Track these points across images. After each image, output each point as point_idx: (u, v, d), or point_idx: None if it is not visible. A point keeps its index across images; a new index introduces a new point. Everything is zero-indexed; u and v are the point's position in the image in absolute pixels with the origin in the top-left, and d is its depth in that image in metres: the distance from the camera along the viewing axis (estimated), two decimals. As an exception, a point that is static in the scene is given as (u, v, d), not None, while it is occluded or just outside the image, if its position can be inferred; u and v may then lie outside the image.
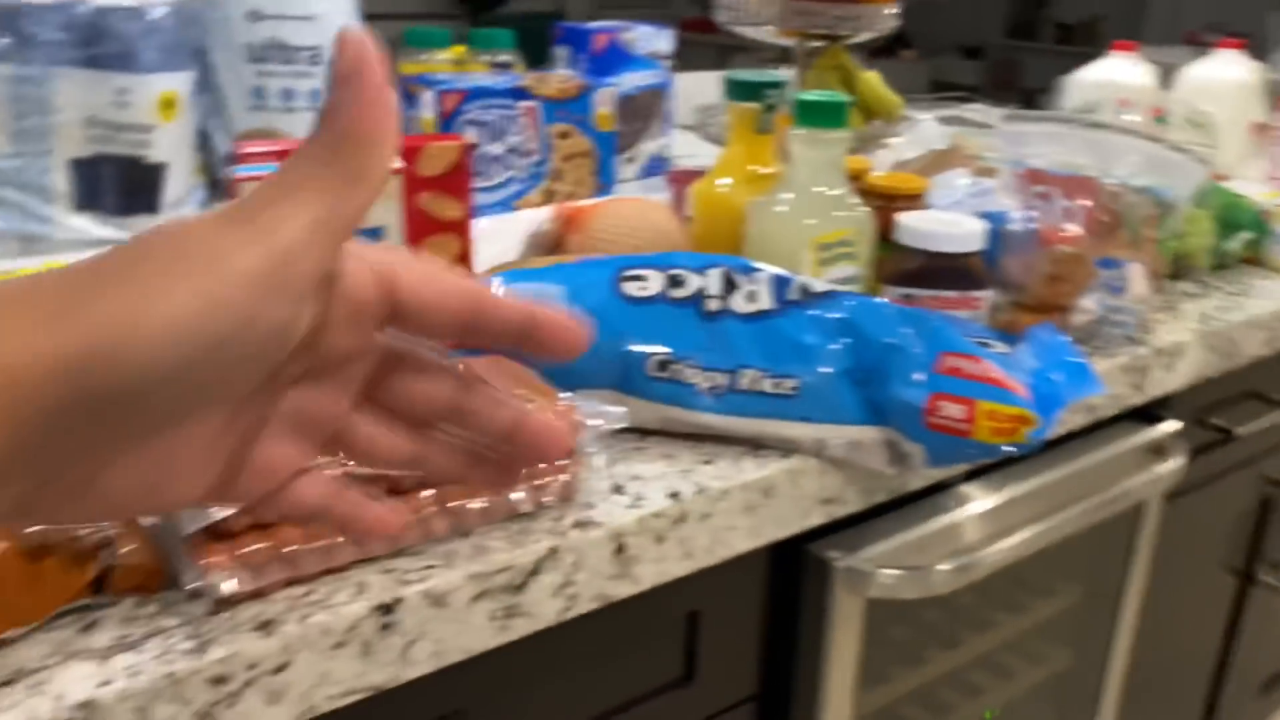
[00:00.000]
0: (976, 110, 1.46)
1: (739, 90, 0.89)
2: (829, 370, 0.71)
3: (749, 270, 0.75)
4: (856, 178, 0.90)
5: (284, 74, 1.14)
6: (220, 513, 0.49)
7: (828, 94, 0.83)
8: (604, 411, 0.63)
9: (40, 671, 0.48)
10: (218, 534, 0.51)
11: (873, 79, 1.23)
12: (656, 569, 0.65)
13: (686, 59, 1.66)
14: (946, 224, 0.85)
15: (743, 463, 0.70)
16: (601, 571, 0.62)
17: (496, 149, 1.23)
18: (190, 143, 1.12)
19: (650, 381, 0.71)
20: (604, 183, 1.34)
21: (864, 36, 1.19)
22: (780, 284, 0.74)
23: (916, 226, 0.84)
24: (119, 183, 1.05)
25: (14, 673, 0.48)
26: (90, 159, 1.03)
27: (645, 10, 6.65)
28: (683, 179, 1.26)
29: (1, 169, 1.00)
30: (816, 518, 0.74)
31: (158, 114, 1.04)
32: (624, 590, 0.64)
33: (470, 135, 1.21)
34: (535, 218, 1.15)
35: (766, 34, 1.24)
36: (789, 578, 0.79)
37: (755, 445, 0.72)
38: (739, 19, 1.24)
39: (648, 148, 1.53)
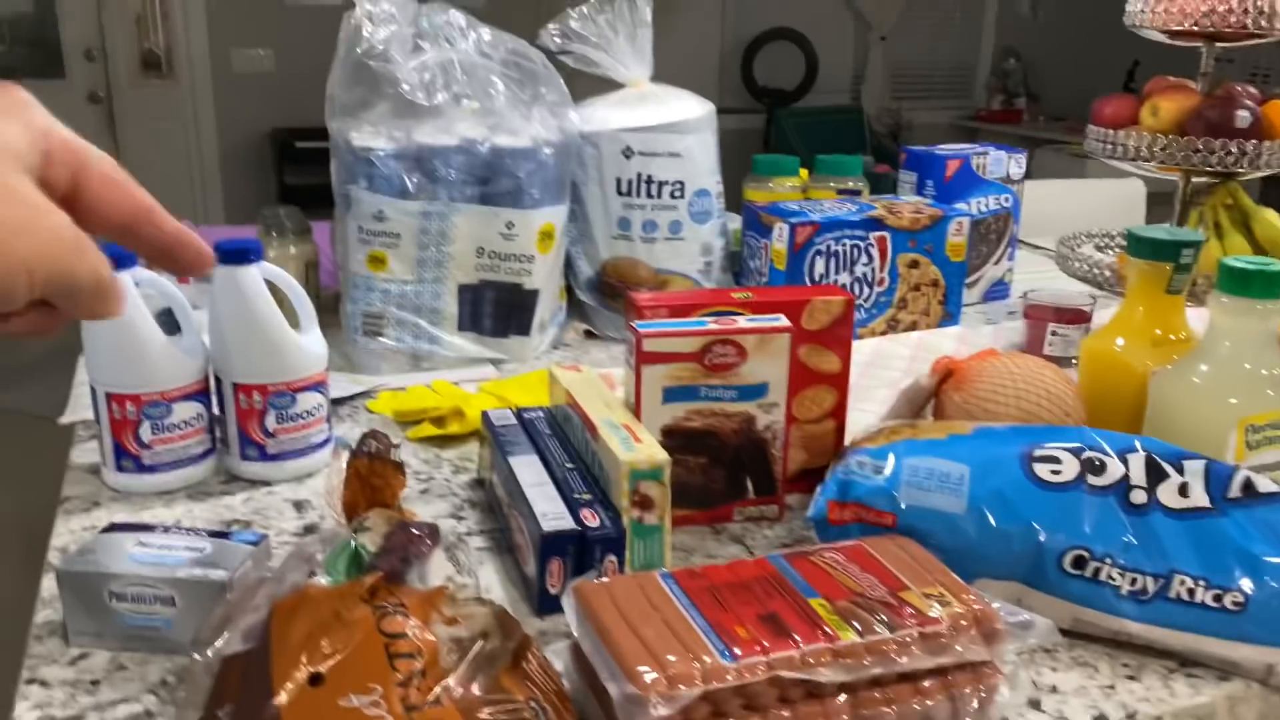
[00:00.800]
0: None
1: (1148, 248, 0.83)
2: (1280, 585, 0.62)
3: (1178, 458, 0.68)
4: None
5: (648, 206, 1.18)
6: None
7: (1260, 261, 0.75)
8: (1026, 620, 0.58)
9: None
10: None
11: (1272, 218, 1.12)
12: (1071, 794, 0.59)
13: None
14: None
15: (1173, 683, 0.62)
16: (1014, 793, 0.57)
17: (844, 278, 1.22)
18: (559, 269, 1.19)
19: (1065, 578, 0.65)
20: (950, 311, 1.30)
21: (1262, 173, 1.08)
22: (1218, 477, 0.66)
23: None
24: (497, 306, 1.12)
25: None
26: (476, 285, 1.11)
27: (943, 101, 6.54)
28: (1043, 316, 1.19)
29: (404, 293, 1.09)
30: (1252, 750, 0.65)
31: (537, 245, 1.11)
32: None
33: (819, 265, 1.21)
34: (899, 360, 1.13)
35: (1144, 169, 1.15)
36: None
37: (1184, 661, 0.64)
38: (1112, 153, 1.16)
39: (991, 272, 1.46)
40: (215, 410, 0.85)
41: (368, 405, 1.03)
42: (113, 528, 0.66)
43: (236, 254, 0.80)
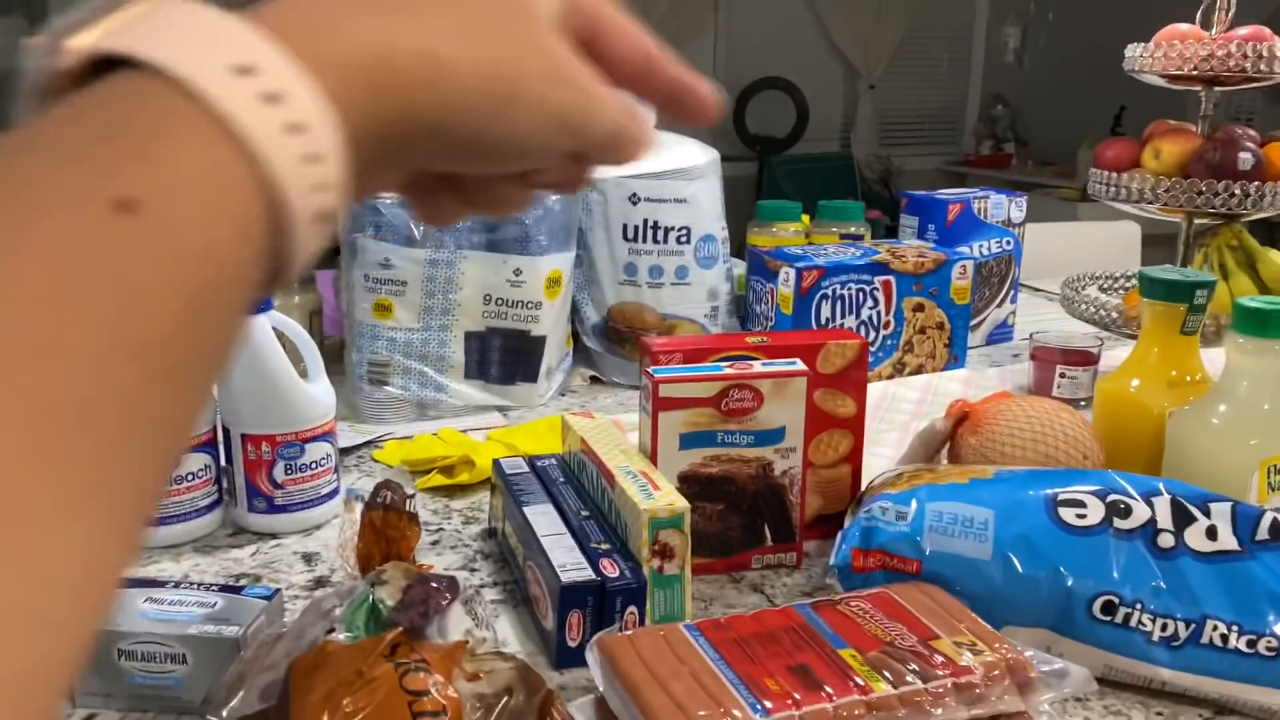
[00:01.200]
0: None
1: (1162, 289, 0.82)
2: (1314, 628, 0.61)
3: (1203, 500, 0.67)
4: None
5: (655, 252, 1.18)
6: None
7: (1277, 301, 0.75)
8: (1060, 669, 0.57)
9: None
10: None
11: (1277, 258, 1.12)
12: None
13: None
14: None
15: (1209, 731, 0.61)
16: None
17: (850, 322, 1.22)
18: (566, 315, 1.18)
19: (1094, 624, 0.64)
20: (955, 354, 1.29)
21: (1265, 214, 1.09)
22: (1245, 519, 0.65)
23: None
24: (504, 354, 1.12)
25: None
26: (483, 333, 1.10)
27: (931, 148, 6.62)
28: (1051, 359, 1.19)
29: (410, 341, 1.08)
30: (1288, 798, 0.63)
31: (544, 291, 1.11)
32: None
33: (825, 309, 1.21)
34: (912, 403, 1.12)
35: (1146, 211, 1.16)
36: None
37: (1219, 709, 0.63)
38: (1115, 196, 1.17)
39: (995, 314, 1.46)
40: (222, 462, 0.84)
41: (374, 455, 1.02)
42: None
43: (246, 303, 0.79)
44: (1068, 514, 0.66)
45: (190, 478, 0.80)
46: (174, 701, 0.60)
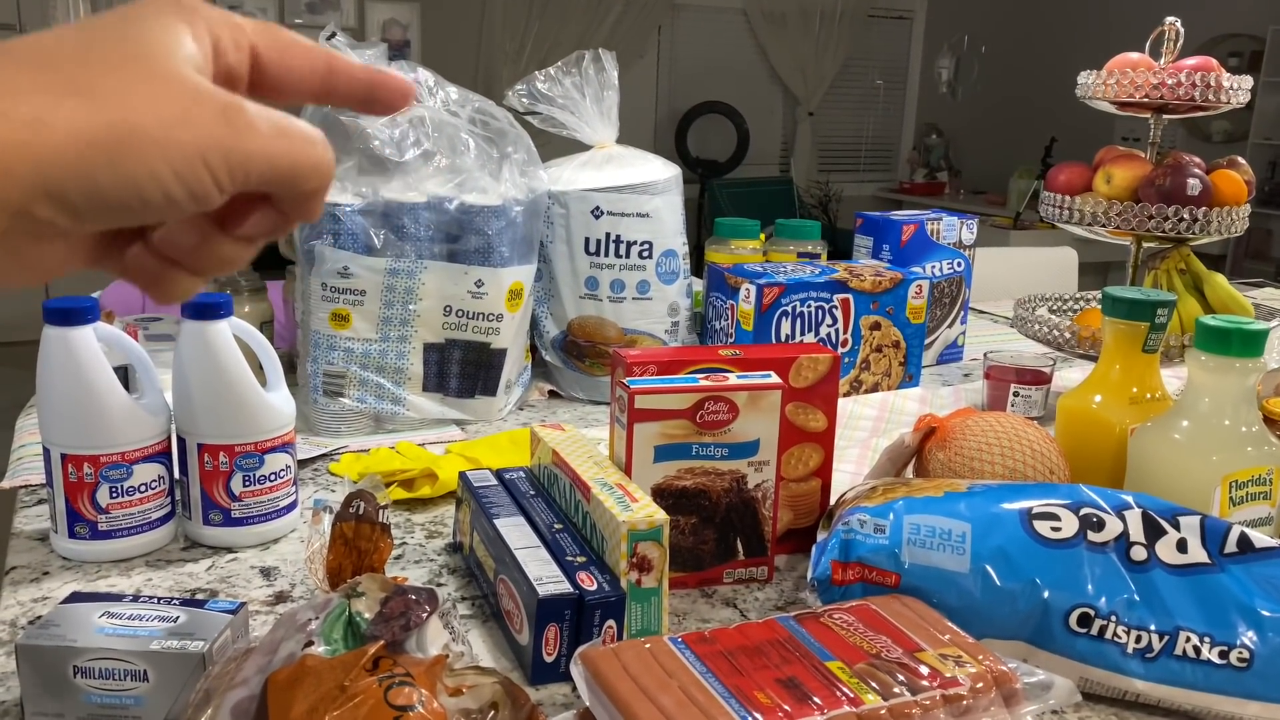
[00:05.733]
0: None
1: (1124, 308, 0.84)
2: (1282, 640, 0.62)
3: (1171, 513, 0.68)
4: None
5: (616, 266, 1.17)
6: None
7: (1238, 320, 0.77)
8: (1044, 680, 0.57)
9: None
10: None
11: (1222, 282, 1.15)
12: None
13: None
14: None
15: (1184, 741, 0.62)
16: None
17: (809, 339, 1.22)
18: (526, 329, 1.17)
19: (1070, 636, 0.64)
20: (911, 373, 1.31)
21: (1211, 239, 1.12)
22: (1214, 533, 0.67)
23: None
24: (464, 366, 1.10)
25: None
26: (442, 344, 1.08)
27: (868, 174, 6.73)
28: (1005, 378, 1.20)
29: (368, 353, 1.06)
30: (1256, 807, 0.64)
31: (506, 303, 1.09)
32: None
33: (785, 326, 1.21)
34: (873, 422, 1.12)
35: (1097, 234, 1.19)
36: None
37: (1192, 719, 0.64)
38: (1068, 219, 1.19)
39: (946, 334, 1.49)
40: (176, 473, 0.81)
41: (330, 468, 0.99)
42: (75, 598, 0.61)
43: (207, 308, 0.76)
44: (1043, 527, 0.67)
45: (143, 489, 0.77)
46: (132, 722, 0.57)
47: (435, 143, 1.06)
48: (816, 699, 0.53)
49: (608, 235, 1.17)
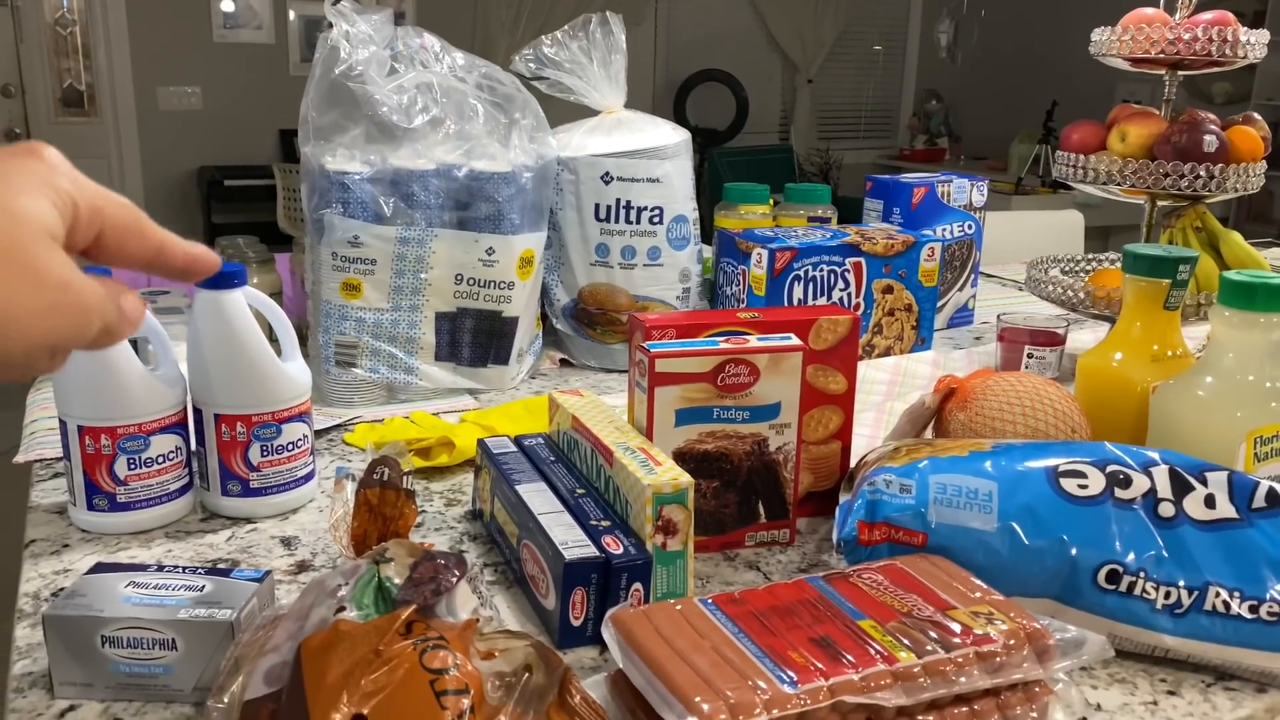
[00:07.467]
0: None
1: (1145, 264, 0.83)
2: (1311, 593, 0.62)
3: (1198, 469, 0.68)
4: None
5: (627, 232, 1.16)
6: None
7: (1263, 275, 0.76)
8: (1077, 637, 0.57)
9: None
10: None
11: (1238, 240, 1.14)
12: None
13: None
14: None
15: (1214, 696, 0.62)
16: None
17: (821, 303, 1.21)
18: (537, 296, 1.16)
19: (1099, 593, 0.64)
20: (923, 336, 1.30)
21: (1228, 196, 1.11)
22: (1242, 488, 0.66)
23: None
24: (476, 335, 1.09)
25: None
26: (454, 313, 1.08)
27: (868, 141, 6.70)
28: (1019, 339, 1.20)
29: (380, 321, 1.05)
30: (1287, 761, 0.64)
31: (517, 271, 1.08)
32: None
33: (797, 290, 1.20)
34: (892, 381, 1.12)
35: (1112, 193, 1.18)
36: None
37: (1220, 674, 0.63)
38: (1083, 178, 1.18)
39: (956, 298, 1.48)
40: (193, 444, 0.80)
41: (344, 438, 0.98)
42: (100, 568, 0.61)
43: (221, 278, 0.75)
44: (1070, 485, 0.66)
45: (160, 460, 0.77)
46: (161, 690, 0.57)
47: (443, 109, 1.05)
48: (850, 656, 0.52)
49: (618, 201, 1.15)
